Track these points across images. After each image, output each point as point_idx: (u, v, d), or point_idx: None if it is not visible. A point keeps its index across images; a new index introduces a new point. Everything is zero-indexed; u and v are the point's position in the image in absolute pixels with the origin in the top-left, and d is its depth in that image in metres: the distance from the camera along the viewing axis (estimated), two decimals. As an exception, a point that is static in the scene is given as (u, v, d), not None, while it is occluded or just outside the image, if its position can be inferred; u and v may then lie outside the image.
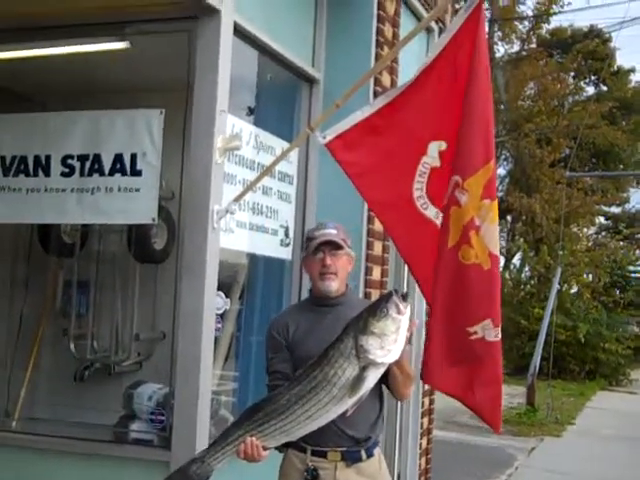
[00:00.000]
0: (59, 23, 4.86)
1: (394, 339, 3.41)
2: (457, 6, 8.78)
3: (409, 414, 7.46)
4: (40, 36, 4.97)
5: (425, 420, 7.76)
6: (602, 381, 25.34)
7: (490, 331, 4.16)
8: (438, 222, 4.37)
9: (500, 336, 4.18)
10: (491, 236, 4.25)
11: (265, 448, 3.53)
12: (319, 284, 3.86)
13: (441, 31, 7.20)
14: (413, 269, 4.58)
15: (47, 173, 4.94)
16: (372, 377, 3.45)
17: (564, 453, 13.21)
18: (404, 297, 3.48)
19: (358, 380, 3.41)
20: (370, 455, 3.82)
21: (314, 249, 3.83)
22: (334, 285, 3.84)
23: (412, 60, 6.25)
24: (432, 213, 4.42)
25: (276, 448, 3.72)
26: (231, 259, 5.31)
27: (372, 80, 5.85)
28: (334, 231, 3.87)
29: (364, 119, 4.33)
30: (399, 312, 3.42)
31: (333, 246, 3.83)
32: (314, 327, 3.83)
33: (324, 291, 3.86)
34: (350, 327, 3.48)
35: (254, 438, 3.49)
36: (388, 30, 6.32)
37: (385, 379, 3.69)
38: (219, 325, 4.88)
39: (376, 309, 3.46)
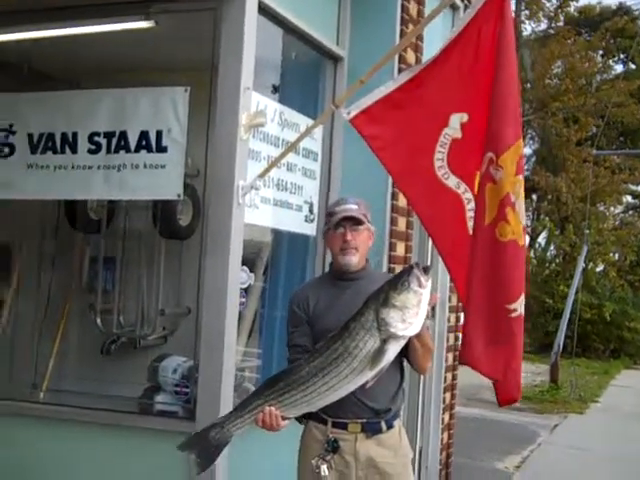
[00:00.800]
0: (85, 2, 4.90)
1: (415, 312, 3.44)
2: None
3: (431, 389, 7.52)
4: (66, 16, 4.99)
5: (447, 395, 7.81)
6: (627, 360, 25.33)
7: (523, 306, 4.22)
8: (459, 192, 4.41)
9: (522, 312, 4.24)
10: (523, 212, 4.30)
11: (284, 418, 3.57)
12: (340, 258, 3.89)
13: (466, 8, 7.19)
14: (436, 242, 4.61)
15: (74, 150, 5.00)
16: (393, 350, 3.48)
17: (587, 430, 13.24)
18: (425, 270, 3.50)
19: (379, 353, 3.44)
20: (390, 427, 3.85)
21: (335, 224, 3.86)
22: (354, 260, 3.87)
23: (437, 37, 6.24)
24: (453, 183, 4.47)
25: (297, 419, 3.78)
26: (255, 235, 5.37)
27: (396, 57, 5.86)
28: (355, 206, 3.89)
29: (387, 94, 4.36)
30: (420, 285, 3.44)
31: (354, 221, 3.85)
32: (334, 301, 3.86)
33: (344, 265, 3.88)
34: (371, 300, 3.51)
35: (273, 408, 3.53)
36: (413, 7, 6.32)
37: (405, 352, 3.71)
38: (243, 300, 4.94)
39: (397, 282, 3.48)
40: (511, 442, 11.57)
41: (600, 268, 27.09)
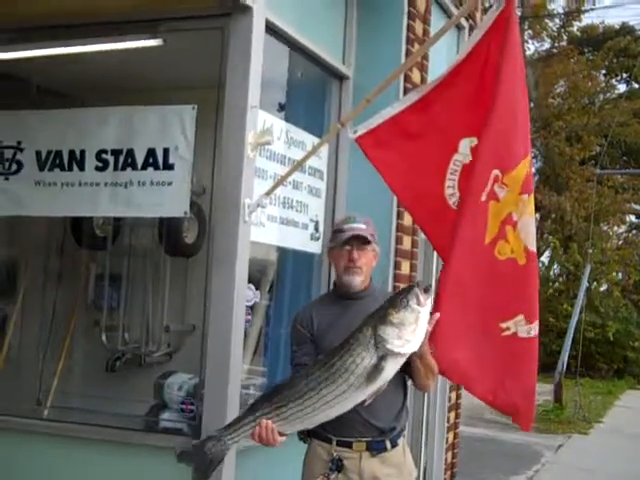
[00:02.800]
0: (94, 21, 4.95)
1: (412, 330, 3.44)
2: (487, 4, 8.79)
3: (436, 408, 7.51)
4: (75, 34, 5.04)
5: (452, 414, 7.81)
6: (631, 380, 25.20)
7: (523, 327, 4.16)
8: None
9: (536, 333, 4.17)
10: (527, 231, 4.25)
11: (281, 434, 3.55)
12: (344, 277, 3.88)
13: (472, 28, 7.23)
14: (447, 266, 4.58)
15: (81, 167, 5.03)
16: (390, 368, 3.48)
17: (592, 451, 13.18)
18: (426, 290, 3.49)
19: (375, 369, 3.44)
20: (394, 445, 3.84)
21: (342, 242, 3.84)
22: (358, 280, 3.86)
23: (442, 57, 6.29)
24: None
25: (300, 438, 3.80)
26: (261, 252, 5.39)
27: (402, 76, 5.89)
28: (363, 226, 3.87)
29: (394, 115, 4.35)
30: (419, 303, 3.45)
31: (361, 240, 3.84)
32: (337, 320, 3.85)
33: (348, 285, 3.88)
34: (370, 317, 3.52)
35: (270, 421, 3.51)
36: (419, 27, 6.36)
37: (407, 370, 3.70)
38: (249, 317, 4.95)
39: (396, 300, 3.49)
40: (515, 462, 11.52)
41: (604, 287, 27.04)
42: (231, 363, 4.53)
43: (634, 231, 35.57)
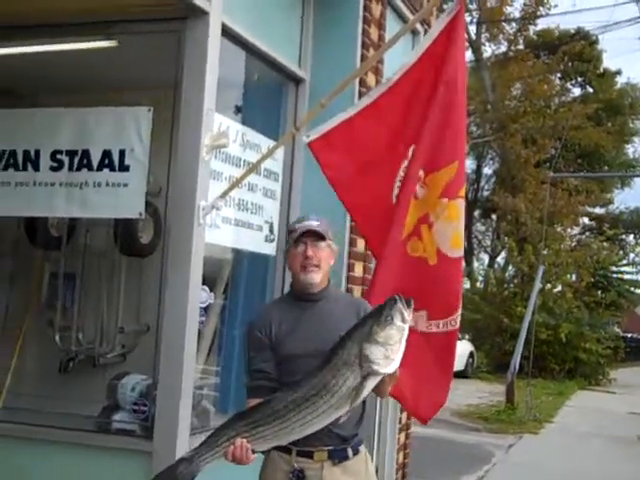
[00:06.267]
0: (48, 22, 4.94)
1: (397, 348, 3.33)
2: (443, 7, 8.87)
3: (388, 409, 7.56)
4: (28, 34, 5.04)
5: (404, 415, 7.87)
6: (582, 380, 25.55)
7: (423, 322, 4.30)
8: None
9: (437, 330, 4.31)
10: (443, 234, 4.35)
11: (253, 452, 3.43)
12: (301, 276, 3.74)
13: (426, 33, 7.30)
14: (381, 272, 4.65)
15: (36, 167, 5.01)
16: (370, 386, 3.38)
17: (542, 450, 13.36)
18: (408, 304, 3.38)
19: (358, 390, 3.34)
20: (356, 452, 3.75)
21: (295, 240, 3.74)
22: (316, 278, 3.73)
23: (397, 61, 6.28)
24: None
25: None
26: (216, 254, 5.40)
27: (357, 81, 5.95)
28: (316, 222, 3.77)
29: (347, 120, 4.42)
30: (403, 320, 3.34)
31: (315, 237, 3.73)
32: (297, 324, 3.71)
33: (306, 283, 3.73)
34: (354, 334, 3.39)
35: (244, 440, 3.40)
36: (374, 32, 6.42)
37: None
38: (202, 319, 4.96)
39: (380, 316, 3.35)
40: (467, 462, 11.63)
41: (558, 289, 27.35)
42: (184, 364, 4.55)
43: (587, 233, 36.09)
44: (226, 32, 4.91)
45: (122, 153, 4.84)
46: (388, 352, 3.31)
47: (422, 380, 4.39)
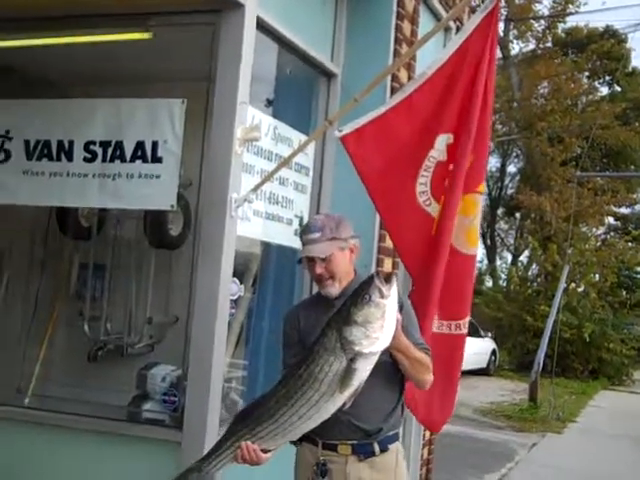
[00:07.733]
0: (85, 12, 4.95)
1: (380, 325, 3.24)
2: (474, 3, 8.85)
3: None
4: (65, 25, 5.05)
5: (429, 412, 7.85)
6: (605, 380, 25.41)
7: (434, 323, 4.39)
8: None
9: (448, 332, 4.38)
10: (457, 228, 4.42)
11: (265, 450, 3.44)
12: (320, 289, 3.78)
13: (458, 29, 7.28)
14: (408, 265, 4.69)
15: (70, 158, 5.04)
16: (363, 367, 3.29)
17: (565, 450, 13.32)
18: (388, 279, 3.29)
19: (347, 373, 3.26)
20: (384, 449, 3.68)
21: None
22: (333, 290, 3.71)
23: (429, 57, 6.27)
24: (434, 210, 4.52)
25: (291, 442, 3.64)
26: (246, 247, 5.41)
27: (389, 76, 5.94)
28: (317, 234, 3.67)
29: (380, 115, 4.43)
30: (382, 296, 3.24)
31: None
32: (321, 318, 3.64)
33: (326, 294, 3.74)
34: (333, 319, 3.36)
35: (249, 442, 3.41)
36: (407, 27, 6.41)
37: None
38: (232, 311, 4.98)
39: (357, 296, 3.28)
40: (490, 459, 11.64)
41: (582, 289, 27.22)
42: (214, 356, 4.56)
43: (612, 233, 35.86)
44: (260, 25, 4.91)
45: (155, 145, 4.86)
46: (369, 331, 3.23)
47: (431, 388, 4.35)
